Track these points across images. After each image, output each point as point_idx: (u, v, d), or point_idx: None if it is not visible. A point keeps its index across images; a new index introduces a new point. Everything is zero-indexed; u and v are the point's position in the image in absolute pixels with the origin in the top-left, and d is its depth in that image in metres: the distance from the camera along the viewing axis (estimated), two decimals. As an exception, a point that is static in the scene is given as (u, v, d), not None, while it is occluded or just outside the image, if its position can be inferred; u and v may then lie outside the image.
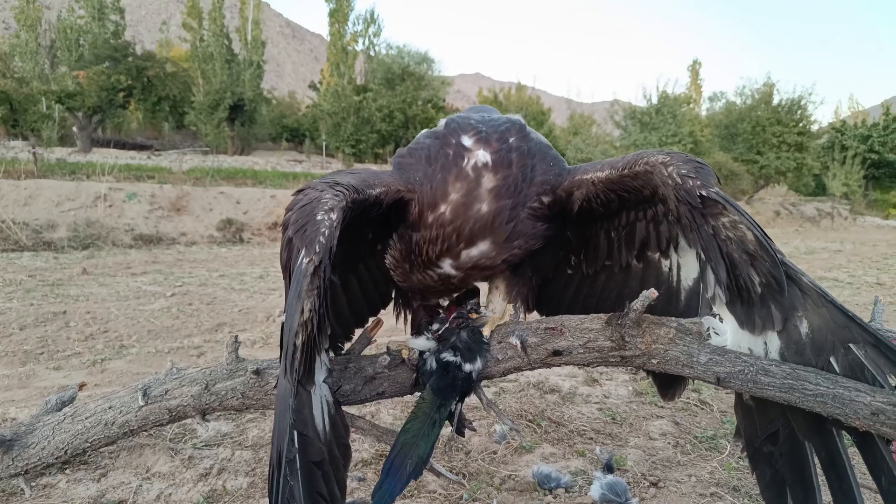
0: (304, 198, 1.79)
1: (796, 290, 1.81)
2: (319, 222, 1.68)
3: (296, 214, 1.75)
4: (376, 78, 34.92)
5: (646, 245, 2.17)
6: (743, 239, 1.77)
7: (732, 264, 1.82)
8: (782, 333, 1.87)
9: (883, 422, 1.70)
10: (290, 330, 1.61)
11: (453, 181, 1.90)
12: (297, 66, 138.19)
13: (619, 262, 2.24)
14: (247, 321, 6.55)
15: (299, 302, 1.60)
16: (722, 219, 1.78)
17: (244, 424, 3.55)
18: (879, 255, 15.78)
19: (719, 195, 1.77)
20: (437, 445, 3.27)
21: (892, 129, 40.41)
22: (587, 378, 4.52)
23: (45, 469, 2.72)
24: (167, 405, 2.34)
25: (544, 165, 2.01)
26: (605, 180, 1.99)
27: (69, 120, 28.86)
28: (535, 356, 2.07)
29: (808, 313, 1.81)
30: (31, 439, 2.50)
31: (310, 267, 1.61)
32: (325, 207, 1.71)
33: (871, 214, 36.56)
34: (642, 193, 2.00)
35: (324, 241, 1.64)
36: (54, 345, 5.39)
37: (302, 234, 1.68)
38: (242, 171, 21.36)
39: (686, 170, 1.81)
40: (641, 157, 1.92)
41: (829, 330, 1.79)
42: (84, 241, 12.89)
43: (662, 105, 33.04)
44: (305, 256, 1.63)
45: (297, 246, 1.68)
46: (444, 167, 1.92)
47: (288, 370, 1.64)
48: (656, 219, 2.11)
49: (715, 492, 2.88)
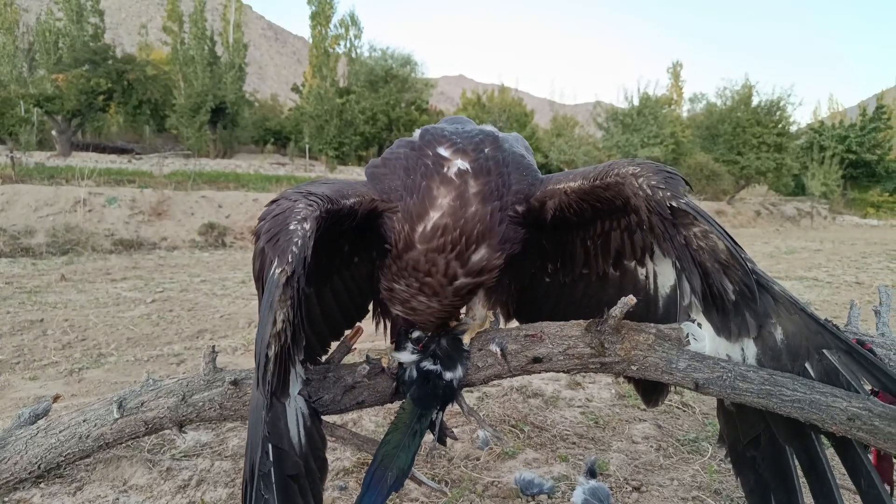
0: (277, 207, 1.77)
1: (769, 298, 1.83)
2: (293, 232, 1.66)
3: (268, 224, 1.73)
4: (359, 80, 34.89)
5: (621, 254, 2.18)
6: (714, 248, 1.78)
7: (705, 273, 1.83)
8: (758, 340, 1.88)
9: (859, 427, 1.71)
10: (262, 341, 1.58)
11: (438, 186, 1.89)
12: (279, 69, 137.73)
13: (596, 271, 2.25)
14: (228, 327, 6.49)
15: (271, 313, 1.58)
16: (693, 229, 1.79)
17: (224, 434, 3.51)
18: (858, 253, 15.98)
19: (689, 206, 1.77)
20: (420, 454, 3.26)
21: (869, 129, 41.08)
22: (570, 382, 4.52)
23: (19, 484, 2.67)
24: (143, 417, 2.31)
25: (518, 175, 2.02)
26: (578, 190, 2.00)
27: (48, 123, 28.54)
28: (515, 363, 2.07)
29: (782, 320, 1.83)
30: (3, 454, 2.46)
31: (282, 277, 1.59)
32: (299, 217, 1.69)
33: (849, 213, 37.14)
34: (614, 204, 2.01)
35: (297, 251, 1.62)
36: (31, 354, 5.30)
37: (274, 243, 1.66)
38: (225, 175, 21.19)
39: (656, 181, 1.81)
40: (613, 167, 1.93)
41: (803, 336, 1.81)
42: (63, 246, 12.73)
43: (644, 106, 33.33)
44: (278, 267, 1.61)
45: (270, 256, 1.66)
46: (426, 175, 1.91)
47: (260, 382, 1.62)
48: (630, 228, 2.12)
49: (697, 495, 2.88)
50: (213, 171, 22.13)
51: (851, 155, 40.11)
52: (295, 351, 1.74)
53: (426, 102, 36.94)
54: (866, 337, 2.52)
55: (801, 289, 9.57)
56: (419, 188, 1.89)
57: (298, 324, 1.69)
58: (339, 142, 32.36)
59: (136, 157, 26.81)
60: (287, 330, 1.64)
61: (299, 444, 1.75)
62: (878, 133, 41.03)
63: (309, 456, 1.77)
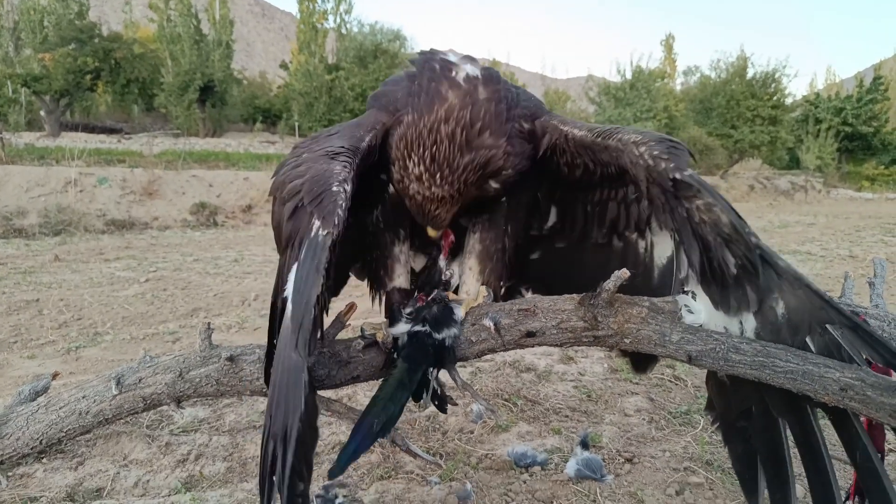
0: (314, 166, 1.73)
1: (772, 273, 1.81)
2: (336, 194, 1.62)
3: (309, 181, 1.68)
4: (348, 56, 34.41)
5: (616, 225, 2.18)
6: (717, 222, 1.76)
7: (706, 247, 1.82)
8: (758, 314, 1.88)
9: (851, 397, 1.73)
10: (307, 303, 1.51)
11: (447, 89, 1.86)
12: (267, 46, 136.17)
13: (592, 240, 2.25)
14: (222, 306, 6.51)
15: (318, 275, 1.52)
16: (696, 202, 1.77)
17: (221, 410, 3.54)
18: (852, 227, 16.05)
19: (693, 178, 1.75)
20: (415, 426, 3.30)
21: (866, 101, 40.73)
22: (563, 356, 4.56)
23: (22, 459, 2.71)
24: (141, 393, 2.32)
25: (525, 97, 2.02)
26: (579, 140, 1.98)
27: (36, 104, 28.18)
28: (508, 337, 2.09)
29: (785, 294, 1.82)
30: (4, 430, 2.48)
31: (328, 239, 1.56)
32: (340, 178, 1.66)
33: (844, 187, 37.11)
34: (608, 170, 1.99)
35: (341, 214, 1.59)
36: (28, 333, 5.32)
37: (318, 203, 1.62)
38: (215, 154, 21.06)
39: (658, 150, 1.78)
40: (617, 132, 1.90)
41: (806, 311, 1.80)
42: (55, 227, 12.69)
43: (637, 80, 33.09)
44: (323, 229, 1.57)
45: (314, 214, 1.60)
46: (433, 78, 1.88)
47: (300, 343, 1.52)
48: (626, 200, 2.11)
49: (688, 466, 2.93)
50: (202, 151, 21.98)
51: (847, 127, 39.78)
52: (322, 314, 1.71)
53: (417, 78, 36.55)
54: (860, 308, 2.54)
55: (794, 263, 9.55)
56: (427, 90, 1.85)
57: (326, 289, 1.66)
58: (329, 119, 31.98)
59: (126, 136, 26.58)
60: (325, 293, 1.62)
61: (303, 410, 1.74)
62: (875, 105, 40.61)
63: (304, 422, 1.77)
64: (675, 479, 2.80)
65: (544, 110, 2.08)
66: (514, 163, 1.97)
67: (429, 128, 1.83)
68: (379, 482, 2.74)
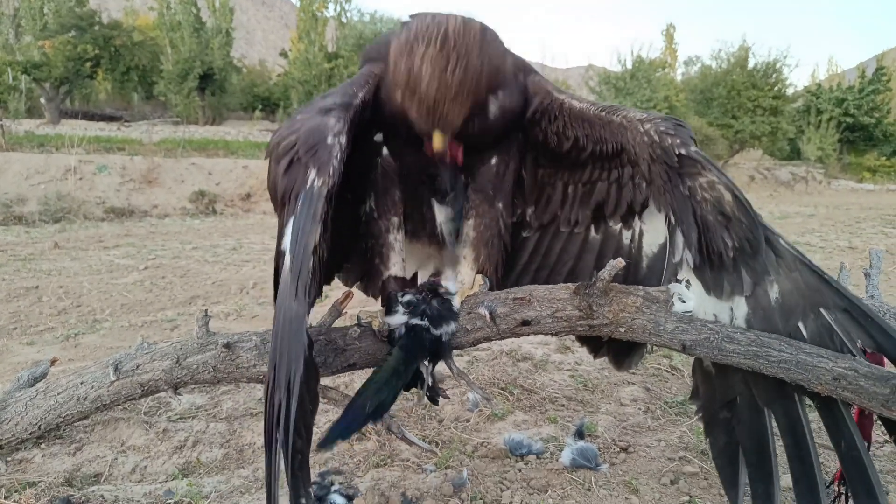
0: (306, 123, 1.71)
1: (771, 254, 1.82)
2: (331, 146, 1.62)
3: (303, 136, 1.66)
4: (348, 45, 34.28)
5: (602, 208, 2.16)
6: (720, 200, 1.77)
7: (706, 227, 1.83)
8: (751, 299, 1.89)
9: (844, 387, 1.75)
10: (305, 250, 1.50)
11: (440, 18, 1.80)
12: (266, 34, 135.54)
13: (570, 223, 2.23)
14: (220, 293, 6.52)
15: (315, 223, 1.52)
16: (700, 179, 1.78)
17: (218, 397, 3.56)
18: (852, 218, 16.03)
19: (699, 154, 1.76)
20: (412, 415, 3.32)
21: (868, 91, 40.51)
22: (560, 346, 4.58)
23: (20, 444, 2.72)
24: (139, 380, 2.33)
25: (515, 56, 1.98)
26: (578, 113, 1.96)
27: (36, 91, 28.08)
28: (504, 326, 2.10)
29: (780, 277, 1.83)
30: (3, 415, 2.50)
31: (323, 189, 1.55)
32: (335, 131, 1.65)
33: (845, 178, 36.97)
34: (604, 148, 1.98)
35: (336, 164, 1.58)
36: (27, 320, 5.33)
37: (314, 154, 1.61)
38: (214, 142, 20.99)
39: (665, 127, 1.80)
40: (622, 109, 1.90)
41: (801, 294, 1.81)
42: (55, 214, 12.69)
43: (637, 70, 32.95)
44: (318, 178, 1.56)
45: (309, 165, 1.59)
46: (422, 18, 1.82)
47: (299, 292, 1.51)
48: (620, 182, 2.10)
49: (683, 455, 2.95)
50: (202, 139, 21.92)
51: (849, 118, 39.51)
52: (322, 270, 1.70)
53: (417, 67, 36.41)
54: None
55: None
56: (413, 29, 1.79)
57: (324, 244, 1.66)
58: (329, 108, 31.92)
59: (125, 124, 26.47)
60: (323, 244, 1.61)
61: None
62: (877, 95, 40.34)
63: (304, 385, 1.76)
64: (670, 469, 2.82)
65: (538, 73, 2.05)
66: (511, 94, 1.93)
67: (429, 24, 1.74)
68: (375, 469, 2.76)
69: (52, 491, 2.51)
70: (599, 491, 2.62)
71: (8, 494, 2.47)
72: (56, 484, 2.58)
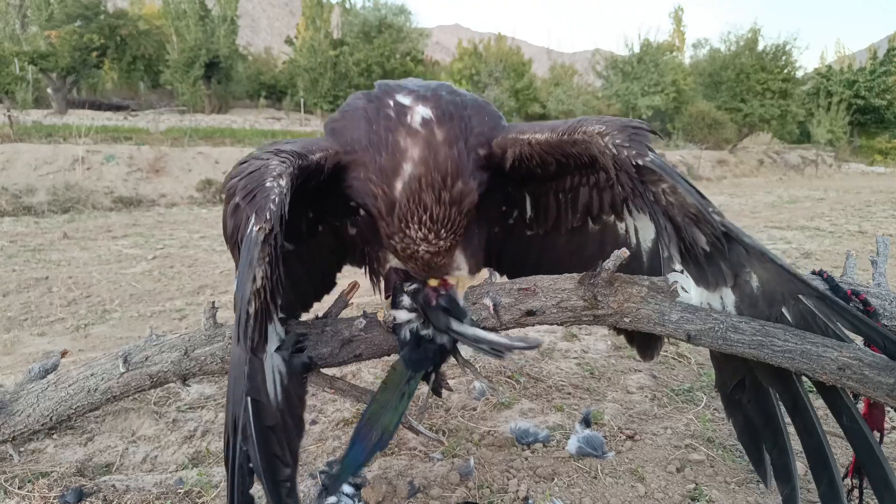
0: (249, 165, 1.77)
1: (740, 249, 1.87)
2: (269, 189, 1.67)
3: (243, 181, 1.73)
4: (353, 31, 34.15)
5: (589, 209, 2.23)
6: (683, 203, 1.81)
7: (676, 227, 1.87)
8: (735, 288, 1.93)
9: (849, 376, 1.76)
10: (243, 298, 1.60)
11: (405, 138, 1.88)
12: (272, 21, 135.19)
13: (568, 225, 2.30)
14: (228, 283, 6.54)
15: (251, 270, 1.60)
16: (661, 185, 1.81)
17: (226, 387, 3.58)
18: (862, 202, 15.92)
19: (654, 163, 1.79)
20: (414, 406, 3.33)
21: (879, 73, 39.99)
22: (566, 334, 4.58)
23: (33, 435, 2.76)
24: (148, 371, 2.36)
25: (479, 119, 2.02)
26: (544, 143, 2.00)
27: (43, 81, 28.13)
28: (508, 317, 2.11)
29: (756, 268, 1.88)
30: (16, 407, 2.53)
31: (260, 235, 1.60)
32: (274, 174, 1.70)
33: (855, 161, 36.70)
34: (582, 160, 2.02)
35: (274, 208, 1.63)
36: (38, 311, 5.38)
37: (251, 200, 1.67)
38: (220, 131, 21.02)
39: (620, 139, 1.82)
40: (581, 124, 1.93)
41: (777, 283, 1.86)
42: (64, 204, 12.73)
43: (644, 54, 32.73)
44: (255, 224, 1.62)
45: (247, 213, 1.66)
46: (390, 128, 1.90)
47: (241, 338, 1.65)
48: (599, 186, 2.17)
49: (690, 443, 2.96)
50: (208, 128, 21.95)
51: (859, 100, 39.04)
52: (273, 308, 1.77)
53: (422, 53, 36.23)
54: (861, 287, 2.53)
55: (802, 238, 9.57)
56: (387, 143, 1.88)
57: (276, 281, 1.71)
58: (334, 95, 31.78)
59: (132, 113, 26.50)
60: (266, 287, 1.66)
61: (276, 400, 1.80)
62: (889, 77, 39.75)
63: (286, 412, 1.82)
64: (676, 457, 2.83)
65: (500, 125, 2.07)
66: (481, 190, 1.99)
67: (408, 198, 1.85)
68: (382, 458, 2.78)
69: (64, 481, 2.54)
70: (606, 479, 2.63)
71: (21, 484, 2.51)
72: (68, 474, 2.61)
